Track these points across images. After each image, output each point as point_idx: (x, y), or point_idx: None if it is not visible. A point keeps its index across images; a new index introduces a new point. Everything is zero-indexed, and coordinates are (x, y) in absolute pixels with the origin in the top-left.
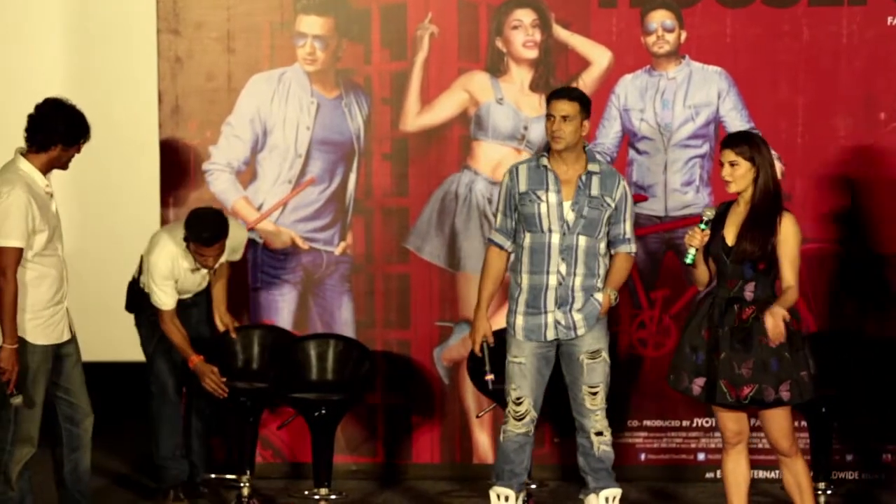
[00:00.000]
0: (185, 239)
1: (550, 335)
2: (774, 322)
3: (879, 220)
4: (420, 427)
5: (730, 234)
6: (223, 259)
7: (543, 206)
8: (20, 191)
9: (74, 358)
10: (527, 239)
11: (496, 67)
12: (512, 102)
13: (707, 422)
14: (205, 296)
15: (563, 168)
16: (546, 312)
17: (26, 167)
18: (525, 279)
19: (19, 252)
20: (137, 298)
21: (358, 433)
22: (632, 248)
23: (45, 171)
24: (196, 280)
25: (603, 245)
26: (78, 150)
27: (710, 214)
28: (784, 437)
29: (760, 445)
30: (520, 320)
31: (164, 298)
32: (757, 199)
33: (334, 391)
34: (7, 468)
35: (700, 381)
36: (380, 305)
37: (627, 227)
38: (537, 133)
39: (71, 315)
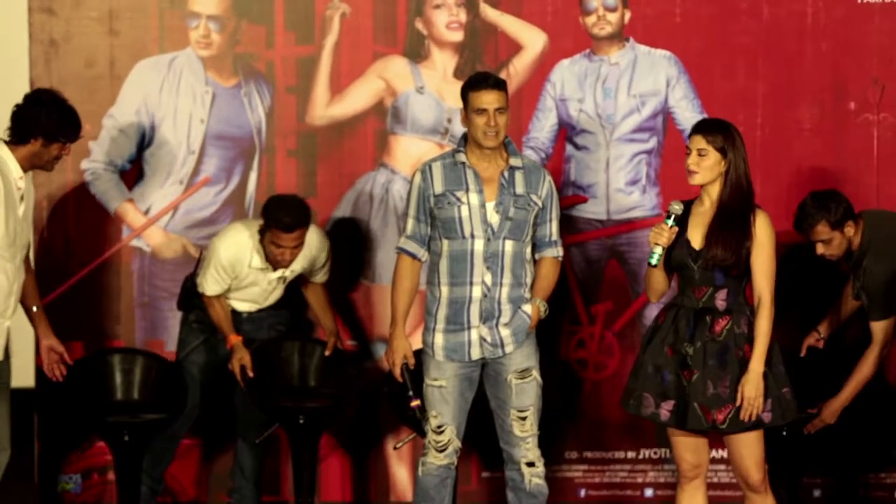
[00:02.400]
0: (261, 231)
1: (475, 354)
2: (749, 396)
3: None
4: (328, 460)
5: (696, 237)
6: (299, 267)
7: (464, 209)
8: None
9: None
10: (445, 246)
11: (416, 52)
12: (434, 91)
13: (655, 453)
14: (275, 317)
15: (482, 164)
16: (469, 328)
17: (4, 153)
18: (444, 292)
19: None
20: (188, 296)
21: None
22: (559, 251)
23: (25, 166)
24: (264, 286)
25: (529, 250)
26: (63, 150)
27: (678, 209)
28: (757, 468)
29: (716, 479)
30: (439, 338)
31: (211, 284)
32: (727, 198)
33: (317, 398)
34: None
35: (668, 405)
36: None
37: (554, 228)
38: (462, 126)
39: (10, 336)
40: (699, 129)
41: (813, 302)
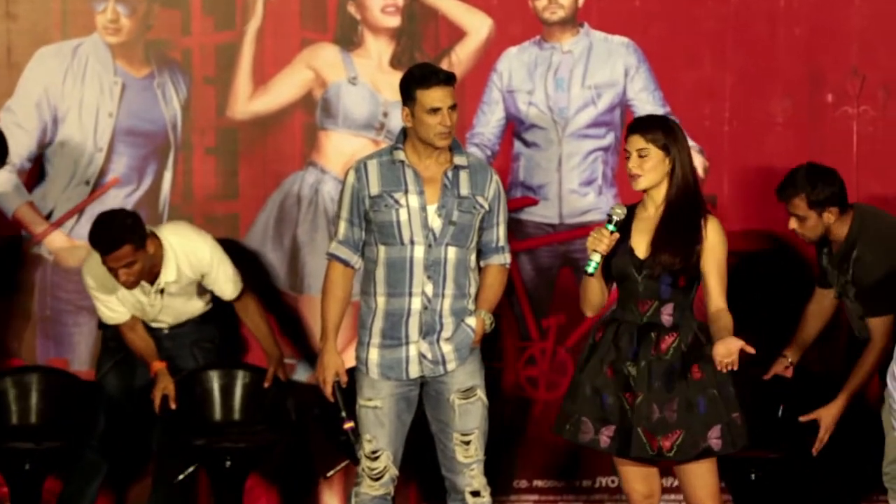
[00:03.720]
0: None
1: (413, 372)
2: (727, 349)
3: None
4: (253, 492)
5: (639, 245)
6: (172, 277)
7: (403, 213)
8: None
9: None
10: (381, 253)
11: (348, 39)
12: (368, 82)
13: (613, 481)
14: (199, 332)
15: (423, 163)
16: (408, 344)
17: None
18: (380, 303)
19: None
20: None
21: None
22: (506, 258)
23: None
24: (151, 301)
25: (473, 257)
26: None
27: (620, 213)
28: (711, 499)
29: None
30: (374, 354)
31: (108, 313)
32: (673, 199)
33: (243, 436)
34: None
35: (608, 431)
36: None
37: (501, 233)
38: (399, 121)
39: None
40: (636, 128)
41: (781, 316)
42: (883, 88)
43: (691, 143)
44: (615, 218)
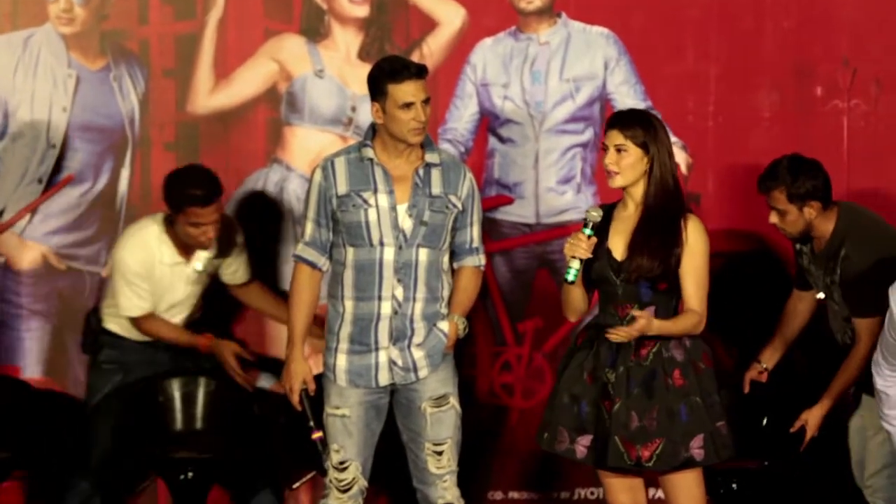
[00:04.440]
0: (168, 219)
1: (383, 379)
2: (628, 332)
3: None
4: None
5: (617, 247)
6: (213, 253)
7: (372, 213)
8: None
9: None
10: (350, 254)
11: (314, 29)
12: (335, 75)
13: (593, 493)
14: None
15: (394, 161)
16: (377, 350)
17: None
18: (349, 307)
19: None
20: (92, 334)
21: None
22: (480, 260)
23: None
24: (185, 286)
25: (446, 259)
26: None
27: (596, 216)
28: None
29: None
30: (342, 360)
31: (136, 301)
32: (652, 199)
33: (205, 446)
34: None
35: (585, 440)
36: None
37: (475, 234)
38: (368, 115)
39: None
40: (615, 123)
41: (767, 317)
42: (875, 81)
43: (674, 138)
44: (590, 221)
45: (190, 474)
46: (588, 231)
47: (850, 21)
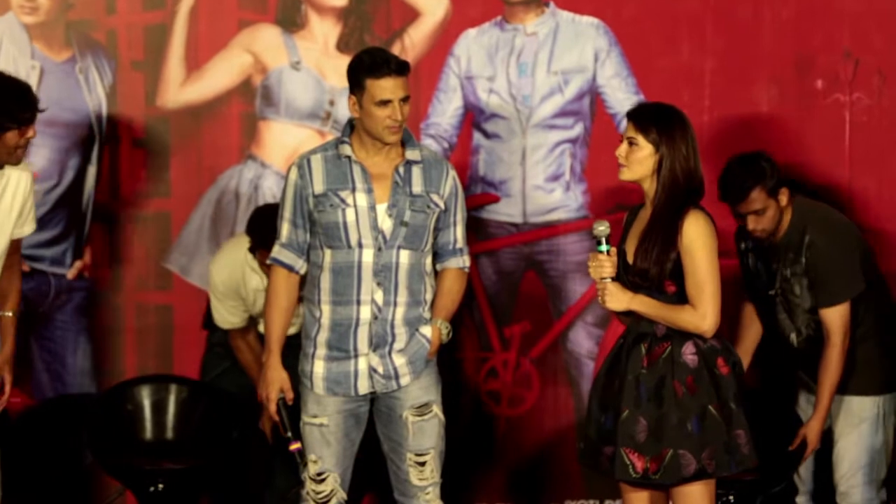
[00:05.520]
0: (251, 249)
1: (363, 387)
2: (606, 290)
3: None
4: None
5: (630, 249)
6: None
7: (350, 213)
8: None
9: None
10: (327, 257)
11: (290, 20)
12: (313, 68)
13: None
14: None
15: (372, 159)
16: (357, 356)
17: None
18: (326, 312)
19: None
20: (209, 312)
21: None
22: (465, 261)
23: None
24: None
25: (429, 260)
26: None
27: (603, 230)
28: None
29: None
30: (320, 368)
31: (226, 315)
32: (658, 200)
33: (180, 456)
34: None
35: (609, 451)
36: (131, 348)
37: (459, 234)
38: (347, 110)
39: None
40: (632, 114)
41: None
42: (878, 74)
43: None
44: (601, 237)
45: (160, 486)
46: (603, 248)
47: (851, 11)
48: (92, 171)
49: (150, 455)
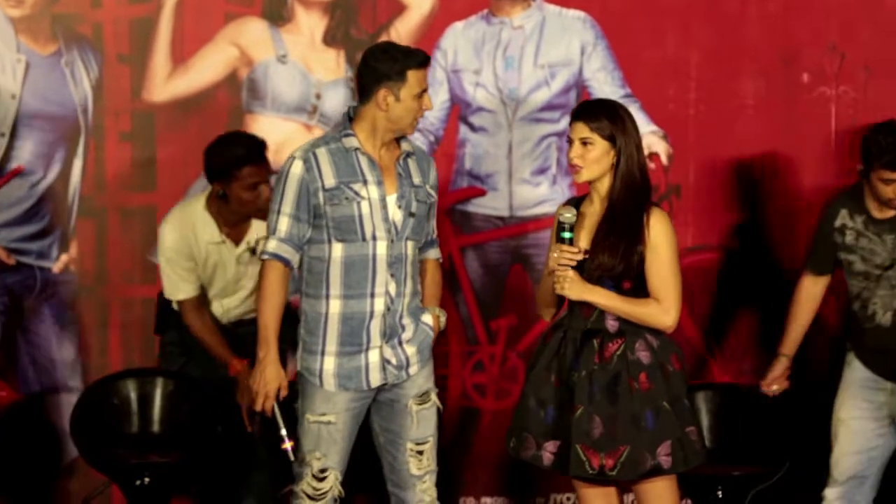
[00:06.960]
0: (217, 194)
1: (375, 380)
2: (570, 282)
3: (799, 221)
4: None
5: (581, 244)
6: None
7: (364, 205)
8: None
9: None
10: (338, 250)
11: (277, 13)
12: (299, 61)
13: (569, 498)
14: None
15: (378, 152)
16: (369, 349)
17: None
18: (336, 306)
19: None
20: (161, 314)
21: None
22: (439, 252)
23: None
24: (233, 267)
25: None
26: None
27: (570, 216)
28: None
29: None
30: (330, 363)
31: (178, 282)
32: (617, 194)
33: (166, 449)
34: None
35: (552, 446)
36: (116, 343)
37: (434, 225)
38: (334, 103)
39: None
40: (580, 115)
41: (747, 314)
42: (864, 67)
43: (654, 127)
44: (567, 223)
45: (146, 480)
46: (567, 235)
47: (837, 4)
48: (78, 165)
49: (136, 449)
